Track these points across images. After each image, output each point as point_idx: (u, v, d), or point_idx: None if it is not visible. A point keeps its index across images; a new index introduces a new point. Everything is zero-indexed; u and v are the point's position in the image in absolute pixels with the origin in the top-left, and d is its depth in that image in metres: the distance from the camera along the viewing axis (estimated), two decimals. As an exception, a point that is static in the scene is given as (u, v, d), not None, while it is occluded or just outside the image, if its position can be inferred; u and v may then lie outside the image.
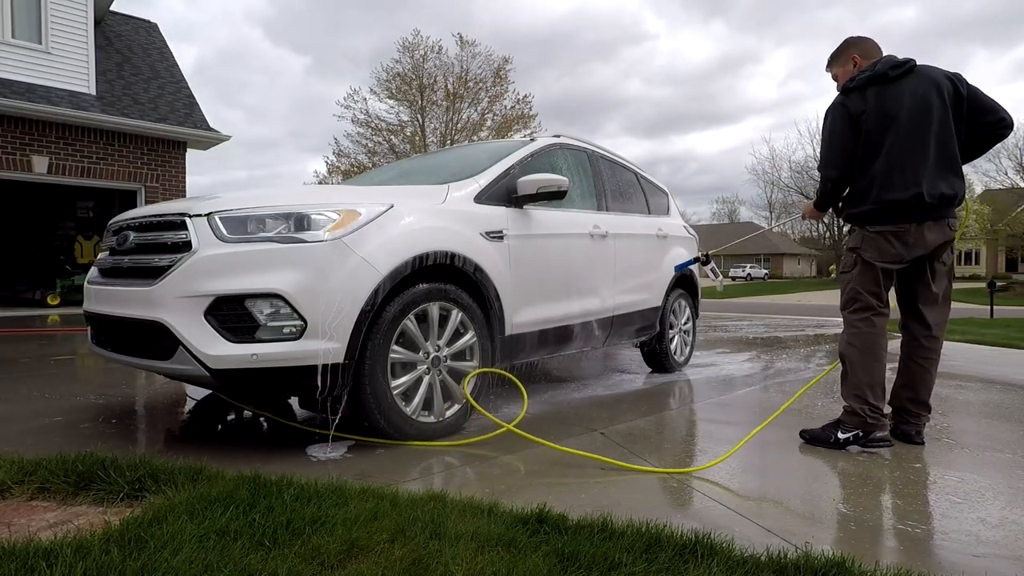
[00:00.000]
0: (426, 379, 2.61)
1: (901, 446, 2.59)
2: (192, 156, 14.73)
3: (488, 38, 74.64)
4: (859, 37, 2.78)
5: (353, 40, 71.63)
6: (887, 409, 2.65)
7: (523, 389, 2.86)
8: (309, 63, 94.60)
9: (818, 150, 3.27)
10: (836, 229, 46.26)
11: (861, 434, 2.50)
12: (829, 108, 2.69)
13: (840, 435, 2.53)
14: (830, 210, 2.87)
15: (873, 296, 2.59)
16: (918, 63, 2.57)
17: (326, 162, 27.76)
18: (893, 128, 2.51)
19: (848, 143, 2.59)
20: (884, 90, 2.54)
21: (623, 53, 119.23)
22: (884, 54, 2.67)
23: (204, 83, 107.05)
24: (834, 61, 2.84)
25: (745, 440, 2.55)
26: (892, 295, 2.74)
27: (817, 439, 2.61)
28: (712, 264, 3.94)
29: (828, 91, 3.11)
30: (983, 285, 24.16)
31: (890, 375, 2.64)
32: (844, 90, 2.63)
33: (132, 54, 11.79)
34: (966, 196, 2.64)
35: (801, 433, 2.68)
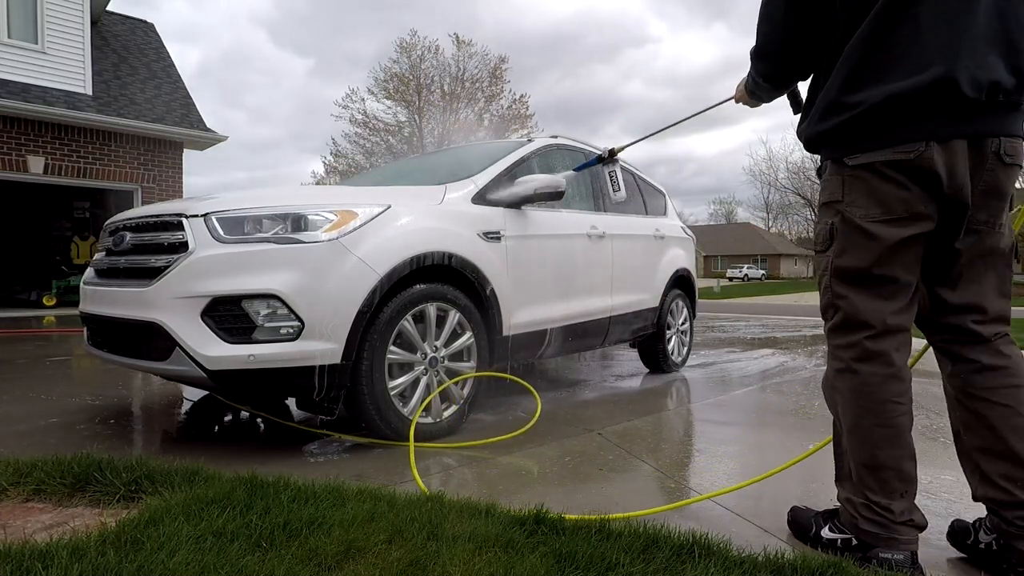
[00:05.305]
0: (423, 380, 2.61)
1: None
2: (193, 157, 14.78)
3: (491, 40, 74.60)
4: None
5: (356, 42, 71.53)
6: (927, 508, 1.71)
7: (536, 393, 2.85)
8: (312, 65, 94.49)
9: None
10: (833, 230, 46.26)
11: (855, 542, 1.50)
12: None
13: (826, 533, 1.57)
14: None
15: (872, 296, 1.48)
16: None
17: (324, 163, 27.81)
18: None
19: None
20: None
21: (625, 55, 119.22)
22: None
23: (207, 84, 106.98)
24: None
25: (743, 484, 2.52)
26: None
27: (798, 524, 1.68)
28: (616, 168, 3.17)
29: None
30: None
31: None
32: None
33: (128, 54, 11.76)
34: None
35: (789, 512, 1.74)
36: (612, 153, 3.23)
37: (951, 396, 1.55)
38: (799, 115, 1.67)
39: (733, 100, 1.97)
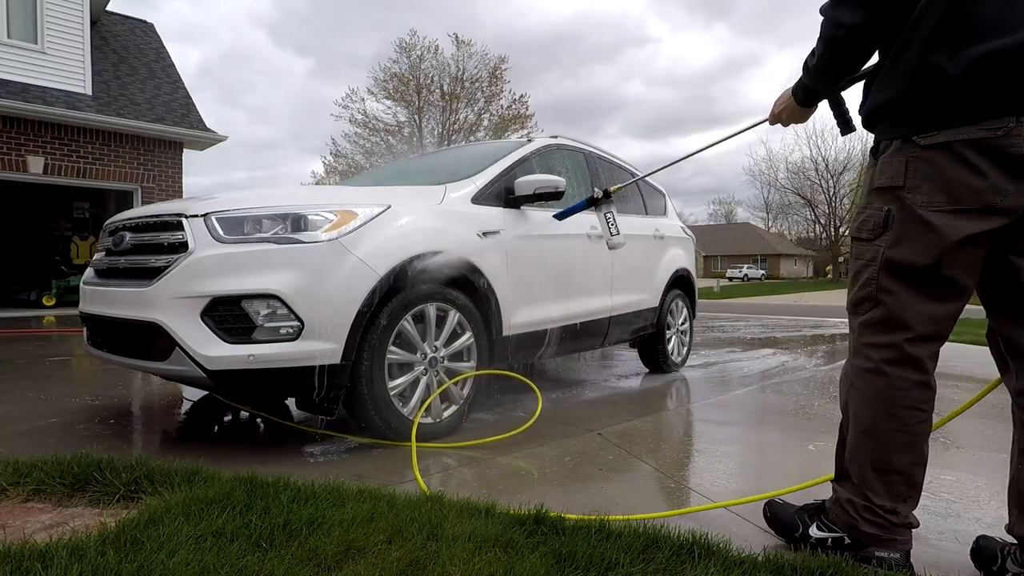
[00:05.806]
0: (423, 380, 2.61)
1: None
2: (193, 157, 14.74)
3: (491, 40, 74.60)
4: None
5: (356, 42, 71.55)
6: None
7: (536, 389, 2.85)
8: (312, 65, 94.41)
9: (815, 151, 1.97)
10: (833, 229, 46.39)
11: (847, 541, 1.46)
12: None
13: (814, 532, 1.52)
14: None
15: (923, 296, 1.35)
16: None
17: (324, 163, 27.85)
18: None
19: None
20: None
21: (625, 55, 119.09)
22: None
23: (207, 84, 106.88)
24: None
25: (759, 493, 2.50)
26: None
27: (779, 521, 1.62)
28: (612, 209, 2.70)
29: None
30: (979, 285, 24.21)
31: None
32: None
33: (128, 54, 11.76)
34: None
35: (766, 506, 1.70)
36: (607, 194, 2.76)
37: (1018, 418, 1.39)
38: (846, 135, 1.60)
39: (768, 122, 1.77)
